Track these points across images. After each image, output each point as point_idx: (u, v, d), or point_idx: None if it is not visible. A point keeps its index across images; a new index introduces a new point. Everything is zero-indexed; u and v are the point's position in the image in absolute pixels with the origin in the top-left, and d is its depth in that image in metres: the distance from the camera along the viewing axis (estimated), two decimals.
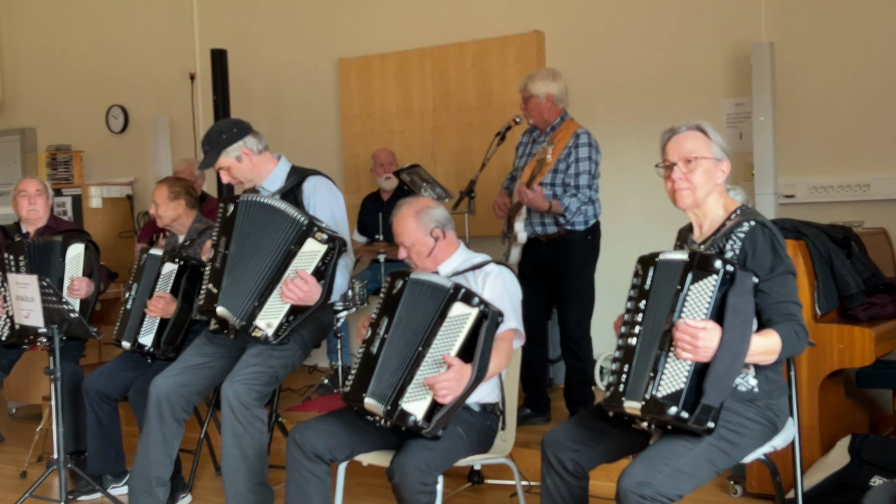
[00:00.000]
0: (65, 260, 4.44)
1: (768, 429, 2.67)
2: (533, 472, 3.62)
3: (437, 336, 2.92)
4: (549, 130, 4.41)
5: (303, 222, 3.41)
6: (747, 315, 2.49)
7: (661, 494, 2.44)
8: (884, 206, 4.76)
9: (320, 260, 3.40)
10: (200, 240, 4.28)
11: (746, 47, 4.99)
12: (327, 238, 3.40)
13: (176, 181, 4.39)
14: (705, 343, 2.42)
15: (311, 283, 3.38)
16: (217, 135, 3.63)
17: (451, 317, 2.92)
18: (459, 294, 2.93)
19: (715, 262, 2.48)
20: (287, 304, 3.40)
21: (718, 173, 2.73)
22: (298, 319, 3.44)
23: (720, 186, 2.75)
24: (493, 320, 2.94)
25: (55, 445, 3.90)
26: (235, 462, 3.49)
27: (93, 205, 6.82)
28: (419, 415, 2.86)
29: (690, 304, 2.50)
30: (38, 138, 7.66)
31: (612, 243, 4.89)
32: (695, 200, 2.74)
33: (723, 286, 2.47)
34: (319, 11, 6.46)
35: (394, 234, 3.25)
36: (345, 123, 6.33)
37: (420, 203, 3.25)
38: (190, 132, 6.87)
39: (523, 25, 5.68)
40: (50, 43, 7.62)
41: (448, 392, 2.85)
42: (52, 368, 3.85)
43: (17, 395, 5.80)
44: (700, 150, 2.71)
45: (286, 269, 3.40)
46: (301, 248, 3.40)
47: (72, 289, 4.40)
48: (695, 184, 2.72)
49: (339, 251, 3.45)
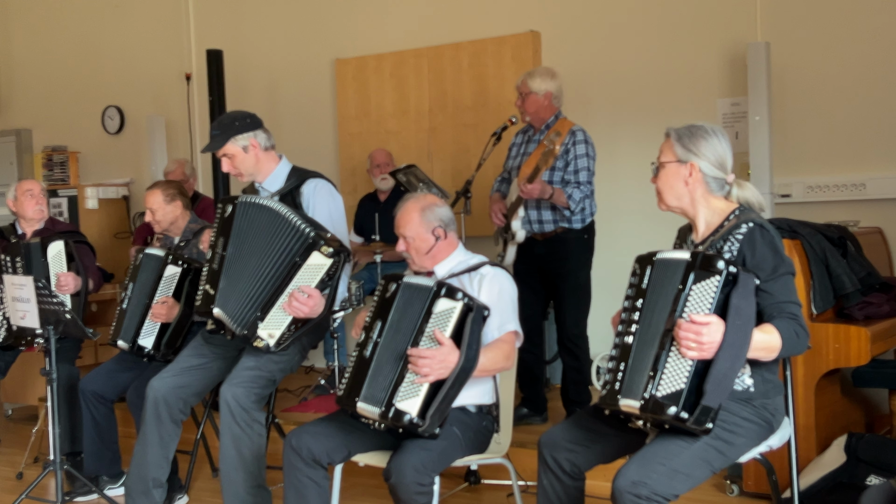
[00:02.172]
0: (47, 259, 4.44)
1: (764, 428, 2.67)
2: (530, 472, 3.62)
3: (424, 334, 2.92)
4: (544, 128, 4.42)
5: (309, 234, 3.36)
6: (749, 317, 2.48)
7: (656, 494, 2.44)
8: (879, 205, 4.77)
9: (325, 273, 3.37)
10: (196, 240, 4.27)
11: (742, 47, 4.99)
12: (333, 252, 3.37)
13: (168, 184, 4.36)
14: (710, 338, 2.41)
15: (316, 297, 3.36)
16: (230, 121, 3.61)
17: (437, 312, 2.93)
18: (443, 290, 2.94)
19: (718, 263, 2.47)
20: (290, 317, 3.39)
21: (684, 174, 2.69)
22: (301, 331, 3.43)
23: (701, 187, 2.70)
24: (479, 313, 2.94)
25: (51, 446, 3.90)
26: (233, 464, 3.49)
27: (89, 206, 6.81)
28: (414, 412, 2.85)
29: (692, 304, 2.49)
30: (34, 139, 7.65)
31: (610, 242, 4.90)
32: (667, 205, 2.75)
33: (725, 287, 2.46)
34: (315, 12, 6.46)
35: (395, 224, 3.23)
36: (341, 124, 6.33)
37: (427, 199, 3.24)
38: (186, 133, 6.87)
39: (519, 26, 5.68)
40: (46, 44, 7.61)
41: (429, 369, 2.84)
42: (48, 369, 3.84)
43: (13, 397, 5.79)
44: (663, 154, 2.73)
45: (290, 281, 3.37)
46: (306, 262, 3.37)
47: (59, 285, 4.39)
48: (660, 188, 2.74)
49: (344, 263, 3.44)
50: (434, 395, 2.87)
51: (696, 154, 2.68)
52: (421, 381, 2.86)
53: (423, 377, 2.85)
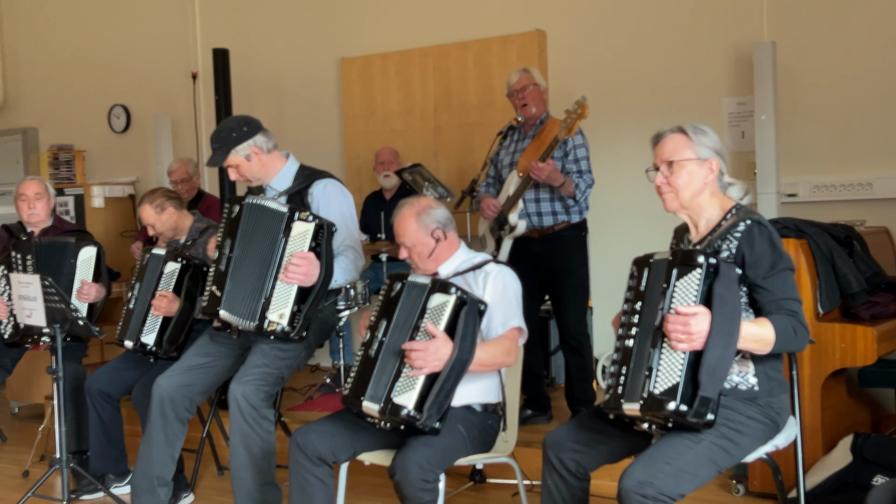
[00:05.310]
0: (76, 262, 4.42)
1: (770, 427, 2.66)
2: (535, 471, 3.61)
3: (419, 329, 2.93)
4: (538, 124, 4.44)
5: (284, 211, 3.40)
6: (734, 304, 2.49)
7: (662, 494, 2.44)
8: (886, 204, 4.76)
9: (312, 239, 3.38)
10: (202, 239, 4.28)
11: (748, 46, 4.98)
12: (312, 217, 3.40)
13: (153, 193, 4.34)
14: (698, 328, 2.43)
15: (310, 259, 3.36)
16: (227, 132, 3.61)
17: (431, 307, 2.93)
18: (437, 286, 2.95)
19: (698, 258, 2.50)
20: (293, 290, 3.37)
21: (705, 173, 2.72)
22: (307, 304, 3.41)
23: (711, 186, 2.73)
24: (474, 306, 2.94)
25: (57, 445, 3.91)
26: (243, 462, 3.50)
27: (95, 204, 6.82)
28: (410, 405, 2.85)
29: (678, 298, 2.50)
30: (40, 138, 7.66)
31: (612, 242, 4.90)
32: (680, 203, 2.74)
33: (707, 279, 2.48)
34: (321, 11, 6.46)
35: (395, 234, 3.24)
36: (346, 123, 6.33)
37: (421, 203, 3.24)
38: (192, 131, 6.88)
39: (525, 24, 5.68)
40: (52, 43, 7.62)
41: (423, 362, 2.84)
42: (54, 368, 3.85)
43: (19, 395, 5.80)
44: (680, 153, 2.71)
45: (283, 257, 3.38)
46: (290, 234, 3.38)
47: (81, 292, 4.38)
48: (677, 186, 2.72)
49: (329, 230, 3.44)
50: (430, 388, 2.87)
51: (715, 152, 2.72)
52: (416, 374, 2.87)
53: (418, 370, 2.86)
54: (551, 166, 4.15)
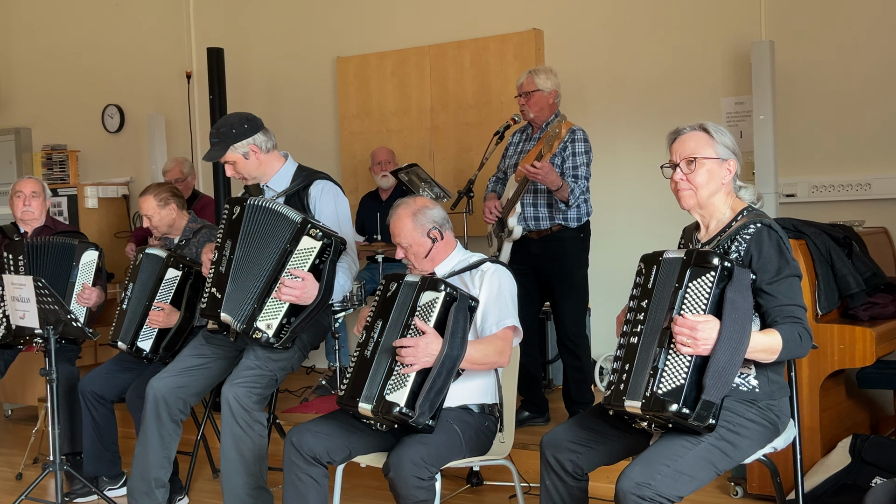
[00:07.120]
0: (79, 265, 4.38)
1: (769, 430, 2.65)
2: (532, 473, 3.60)
3: (410, 327, 2.92)
4: (545, 126, 4.40)
5: (297, 220, 3.37)
6: (745, 310, 2.48)
7: (660, 495, 2.43)
8: (885, 205, 4.75)
9: (316, 257, 3.36)
10: (196, 239, 4.25)
11: (747, 46, 4.97)
12: (322, 234, 3.37)
13: (160, 187, 4.31)
14: (704, 335, 2.42)
15: (308, 281, 3.34)
16: (227, 128, 3.59)
17: (421, 305, 2.93)
18: (426, 283, 2.95)
19: (713, 259, 2.49)
20: (285, 305, 3.37)
21: (724, 173, 2.71)
22: (298, 319, 3.40)
23: (727, 186, 2.73)
24: (464, 303, 2.93)
25: (51, 447, 3.89)
26: (234, 465, 3.47)
27: (88, 205, 6.78)
28: (402, 402, 2.84)
29: (689, 300, 2.50)
30: (33, 138, 7.63)
31: (611, 243, 4.87)
32: (698, 201, 2.72)
33: (720, 282, 2.47)
34: (316, 10, 6.44)
35: (391, 234, 3.23)
36: (342, 123, 6.31)
37: (417, 203, 3.22)
38: (186, 131, 6.85)
39: (522, 24, 5.66)
40: (45, 42, 7.59)
41: (413, 358, 2.84)
42: (47, 370, 3.82)
43: (12, 397, 5.78)
44: (702, 151, 2.69)
45: (283, 268, 3.36)
46: (297, 247, 3.36)
47: (81, 296, 4.35)
48: (696, 184, 2.70)
49: (337, 249, 3.42)
50: (421, 385, 2.86)
51: (733, 153, 2.71)
52: (407, 371, 2.86)
53: (409, 367, 2.85)
54: (548, 168, 4.11)
